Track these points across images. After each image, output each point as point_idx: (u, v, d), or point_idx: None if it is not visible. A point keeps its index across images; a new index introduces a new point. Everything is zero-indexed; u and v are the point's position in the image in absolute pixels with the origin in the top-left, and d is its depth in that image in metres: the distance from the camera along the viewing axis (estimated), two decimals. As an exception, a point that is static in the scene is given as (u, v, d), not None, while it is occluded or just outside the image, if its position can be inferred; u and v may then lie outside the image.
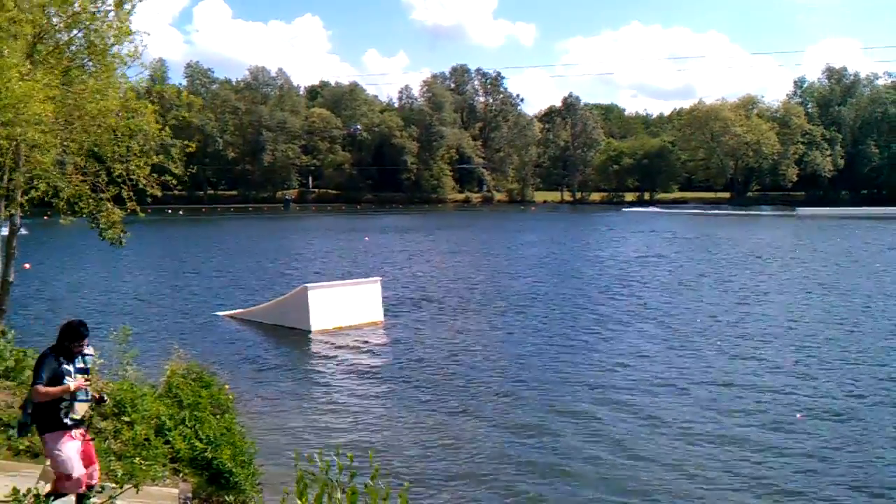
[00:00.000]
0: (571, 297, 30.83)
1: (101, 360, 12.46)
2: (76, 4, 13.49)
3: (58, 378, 7.34)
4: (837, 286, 33.06)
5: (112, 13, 13.71)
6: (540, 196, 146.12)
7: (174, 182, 14.63)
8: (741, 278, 36.03)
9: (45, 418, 7.40)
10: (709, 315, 26.52)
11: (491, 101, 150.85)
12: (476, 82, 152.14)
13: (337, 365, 20.35)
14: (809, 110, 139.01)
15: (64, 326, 7.60)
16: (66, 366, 7.41)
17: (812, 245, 54.67)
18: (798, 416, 15.12)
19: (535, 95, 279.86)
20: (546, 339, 22.92)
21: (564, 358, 20.42)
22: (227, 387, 11.83)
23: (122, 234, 15.25)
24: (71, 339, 7.52)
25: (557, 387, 17.60)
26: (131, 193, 14.17)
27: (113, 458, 9.60)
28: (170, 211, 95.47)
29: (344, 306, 25.11)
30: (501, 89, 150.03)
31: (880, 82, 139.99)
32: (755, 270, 39.33)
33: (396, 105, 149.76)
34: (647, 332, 23.83)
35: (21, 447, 9.62)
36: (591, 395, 16.96)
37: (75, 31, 14.01)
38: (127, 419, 10.47)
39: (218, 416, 11.04)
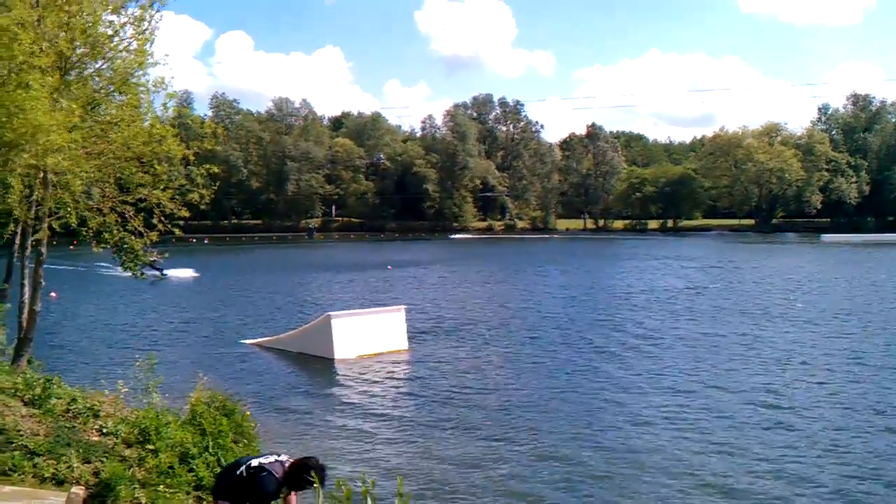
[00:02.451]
0: (598, 326, 30.64)
1: (126, 389, 12.60)
2: (100, 36, 13.69)
3: None
4: (853, 313, 32.71)
5: (133, 42, 13.89)
6: (562, 224, 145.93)
7: (202, 204, 14.71)
8: (765, 307, 35.75)
9: None
10: (737, 343, 26.33)
11: (512, 129, 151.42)
12: (498, 111, 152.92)
13: (360, 393, 20.32)
14: (834, 137, 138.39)
15: (317, 468, 6.85)
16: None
17: (832, 272, 54.18)
18: None
19: (555, 123, 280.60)
20: (573, 369, 22.72)
21: (592, 388, 20.25)
22: (248, 414, 11.84)
23: (142, 267, 15.39)
24: (310, 482, 6.80)
25: (584, 417, 17.44)
26: (162, 218, 14.29)
27: (137, 486, 9.62)
28: (194, 240, 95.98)
29: (368, 335, 25.07)
30: (522, 117, 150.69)
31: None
32: (778, 299, 39.00)
33: (419, 134, 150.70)
34: (675, 363, 23.58)
35: (46, 475, 9.66)
36: (618, 426, 16.79)
37: (100, 63, 14.21)
38: (151, 447, 10.49)
39: (241, 444, 11.05)
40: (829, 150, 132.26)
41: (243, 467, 6.95)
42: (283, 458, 7.05)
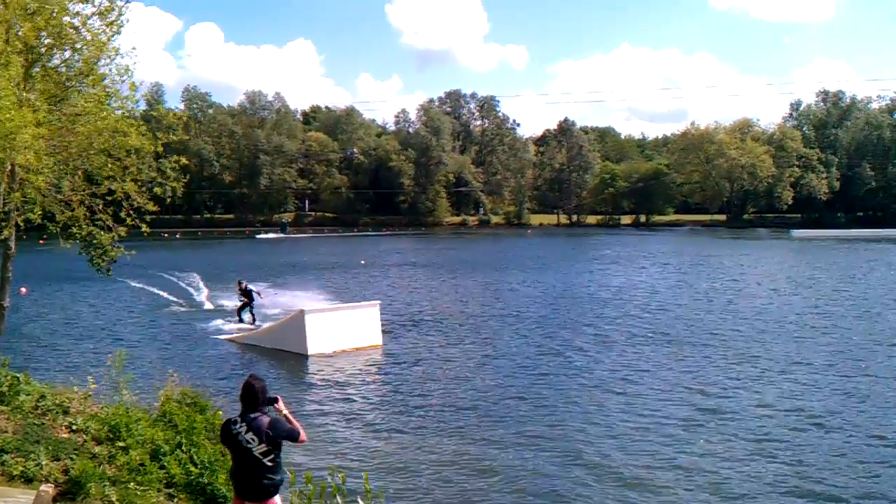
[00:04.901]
0: (571, 320, 30.78)
1: (96, 385, 12.44)
2: (65, 26, 13.47)
3: None
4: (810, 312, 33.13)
5: (102, 34, 13.68)
6: (535, 219, 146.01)
7: (171, 199, 14.54)
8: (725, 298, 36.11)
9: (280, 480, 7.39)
10: (708, 333, 26.56)
11: (487, 124, 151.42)
12: (472, 106, 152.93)
13: (333, 389, 20.25)
14: (805, 133, 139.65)
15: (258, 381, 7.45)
16: None
17: (791, 266, 54.84)
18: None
19: (528, 118, 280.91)
20: (549, 362, 22.86)
21: (565, 382, 20.36)
22: (219, 412, 11.71)
23: (110, 263, 15.12)
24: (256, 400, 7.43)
25: (558, 411, 17.53)
26: (130, 212, 14.08)
27: (107, 483, 9.50)
28: (166, 235, 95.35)
29: (342, 330, 24.99)
30: (497, 113, 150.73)
31: (874, 105, 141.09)
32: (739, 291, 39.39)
33: (393, 129, 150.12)
34: (649, 354, 23.78)
35: (14, 472, 9.52)
36: (591, 418, 16.91)
37: (66, 53, 14.00)
38: (122, 444, 10.36)
39: (213, 441, 10.95)
40: (801, 147, 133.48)
41: (262, 445, 7.12)
42: (258, 414, 7.26)
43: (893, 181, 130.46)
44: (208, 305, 36.08)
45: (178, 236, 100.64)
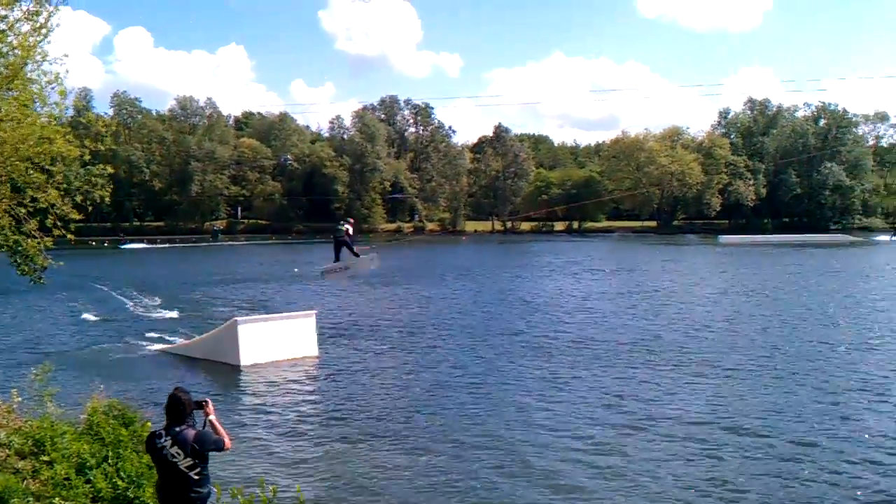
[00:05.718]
0: (503, 328, 30.95)
1: (20, 399, 12.13)
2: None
3: None
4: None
5: (30, 38, 13.34)
6: (470, 226, 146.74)
7: (89, 206, 14.22)
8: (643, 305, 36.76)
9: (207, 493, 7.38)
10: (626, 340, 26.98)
11: (422, 131, 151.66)
12: (406, 112, 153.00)
13: (266, 400, 20.04)
14: (733, 140, 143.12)
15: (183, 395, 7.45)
16: None
17: (718, 271, 56.14)
18: None
19: (462, 125, 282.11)
20: (482, 371, 22.92)
21: (500, 389, 20.47)
22: (148, 424, 11.51)
23: (41, 271, 14.75)
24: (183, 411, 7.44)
25: (493, 419, 17.61)
26: (57, 221, 13.74)
27: (31, 499, 9.28)
28: (94, 243, 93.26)
29: (276, 340, 24.69)
30: (432, 120, 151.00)
31: (800, 114, 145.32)
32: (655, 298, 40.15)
33: (327, 135, 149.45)
34: (577, 361, 24.03)
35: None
36: (526, 424, 17.02)
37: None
38: (46, 458, 10.13)
39: (141, 454, 10.76)
40: (729, 154, 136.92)
41: (187, 459, 7.10)
42: (183, 427, 7.26)
43: (818, 188, 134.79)
44: (139, 315, 35.42)
45: (106, 244, 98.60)
